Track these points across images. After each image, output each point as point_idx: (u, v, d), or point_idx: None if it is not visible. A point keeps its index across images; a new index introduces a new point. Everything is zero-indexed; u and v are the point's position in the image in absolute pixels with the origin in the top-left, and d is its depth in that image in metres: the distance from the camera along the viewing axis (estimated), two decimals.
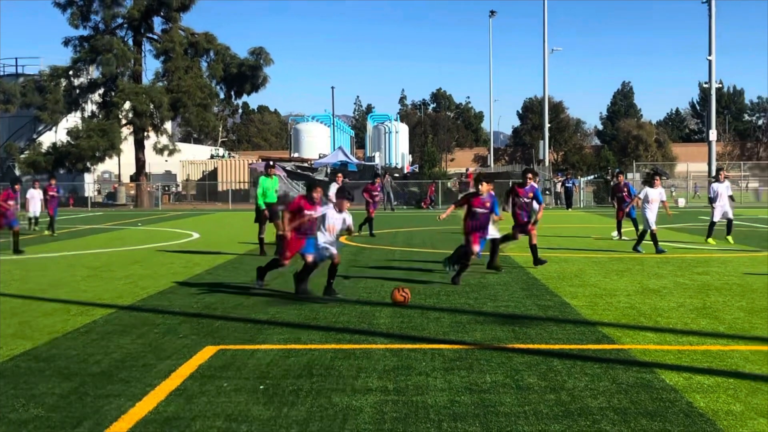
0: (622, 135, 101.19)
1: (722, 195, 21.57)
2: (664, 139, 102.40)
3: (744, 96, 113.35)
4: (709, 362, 8.06)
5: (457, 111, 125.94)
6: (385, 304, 11.75)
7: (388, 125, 75.69)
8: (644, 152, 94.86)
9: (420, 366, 7.90)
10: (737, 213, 23.17)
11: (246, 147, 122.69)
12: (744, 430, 5.91)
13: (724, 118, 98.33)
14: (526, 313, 10.98)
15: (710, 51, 53.06)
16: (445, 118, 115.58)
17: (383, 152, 73.03)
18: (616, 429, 5.93)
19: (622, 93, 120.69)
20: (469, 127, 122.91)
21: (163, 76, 59.35)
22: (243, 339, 9.31)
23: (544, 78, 64.30)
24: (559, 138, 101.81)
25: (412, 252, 19.71)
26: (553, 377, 7.45)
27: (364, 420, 6.18)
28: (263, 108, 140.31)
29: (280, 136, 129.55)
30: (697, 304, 11.59)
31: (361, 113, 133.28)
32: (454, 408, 6.48)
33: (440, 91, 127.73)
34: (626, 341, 9.10)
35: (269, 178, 18.95)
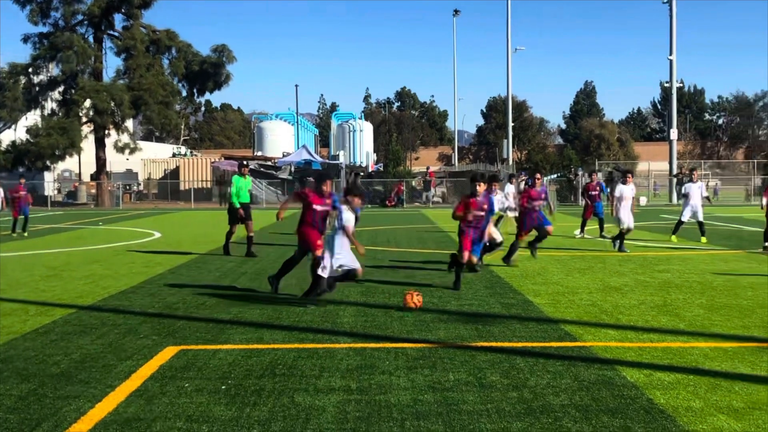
0: (584, 134, 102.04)
1: (694, 194, 21.78)
2: (626, 138, 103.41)
3: (704, 95, 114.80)
4: (670, 359, 8.14)
5: (422, 110, 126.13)
6: (348, 302, 11.73)
7: (353, 124, 75.64)
8: (606, 151, 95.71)
9: (383, 365, 7.88)
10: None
11: (209, 145, 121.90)
12: (703, 426, 5.96)
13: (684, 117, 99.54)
14: (490, 311, 11.01)
15: (671, 51, 53.66)
16: (410, 116, 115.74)
17: (347, 151, 72.93)
18: (578, 426, 5.96)
19: (584, 92, 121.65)
20: (433, 126, 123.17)
21: (124, 74, 58.76)
22: (205, 339, 9.24)
23: (507, 77, 64.66)
24: (523, 137, 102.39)
25: (377, 251, 19.69)
26: (515, 375, 7.47)
27: (327, 419, 6.15)
28: (226, 106, 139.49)
29: (243, 135, 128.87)
30: (657, 302, 11.71)
31: (325, 111, 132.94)
32: (417, 407, 6.47)
33: (405, 89, 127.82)
34: (588, 339, 9.16)
35: (243, 177, 18.70)
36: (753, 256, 18.02)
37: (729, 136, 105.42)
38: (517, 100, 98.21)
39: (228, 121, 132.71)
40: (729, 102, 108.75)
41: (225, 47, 60.74)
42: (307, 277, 12.05)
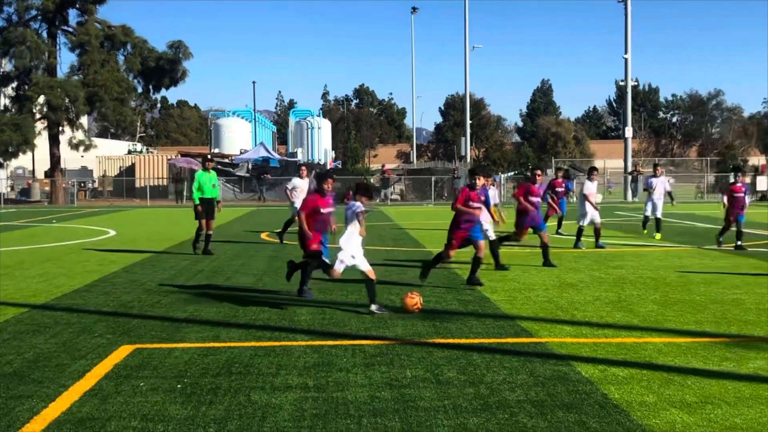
0: (541, 132, 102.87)
1: (658, 189, 22.18)
2: (582, 136, 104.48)
3: (659, 94, 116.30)
4: (624, 354, 8.23)
5: (380, 107, 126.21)
6: (305, 300, 11.70)
7: (311, 121, 75.39)
8: (563, 149, 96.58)
9: (340, 362, 7.88)
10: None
11: (165, 142, 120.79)
12: (657, 420, 6.04)
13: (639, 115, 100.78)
14: (447, 308, 11.05)
15: (626, 49, 54.27)
16: (368, 114, 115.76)
17: (306, 148, 72.72)
18: (533, 421, 6.01)
19: (541, 90, 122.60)
20: (392, 124, 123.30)
21: (78, 70, 57.89)
22: (160, 338, 9.16)
23: (465, 75, 64.94)
24: (481, 135, 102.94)
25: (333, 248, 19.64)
26: (472, 371, 7.51)
27: (284, 417, 6.13)
28: (182, 103, 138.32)
29: (200, 132, 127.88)
30: (612, 298, 11.84)
31: (283, 108, 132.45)
32: (374, 403, 6.48)
33: (363, 87, 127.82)
34: (544, 334, 9.23)
35: (206, 172, 18.35)
36: (706, 252, 18.30)
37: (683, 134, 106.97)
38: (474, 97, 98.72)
39: (184, 118, 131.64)
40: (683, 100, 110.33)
41: (181, 43, 60.16)
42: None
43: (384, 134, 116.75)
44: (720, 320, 10.06)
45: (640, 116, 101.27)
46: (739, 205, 18.80)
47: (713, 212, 36.60)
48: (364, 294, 12.24)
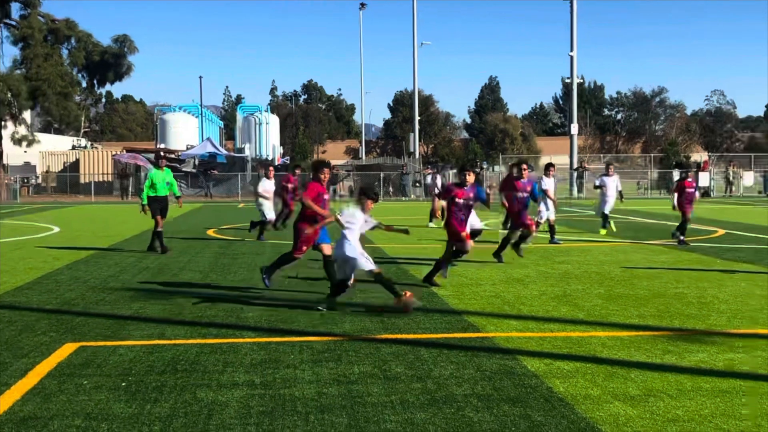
0: (489, 128, 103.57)
1: (610, 187, 22.52)
2: (529, 132, 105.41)
3: (604, 91, 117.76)
4: (569, 348, 8.33)
5: (329, 103, 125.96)
6: (253, 297, 11.63)
7: (259, 116, 74.95)
8: (510, 145, 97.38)
9: (288, 359, 7.85)
10: (596, 204, 24.13)
11: (110, 138, 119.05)
12: (601, 413, 6.13)
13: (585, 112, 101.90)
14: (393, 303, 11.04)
15: (572, 47, 54.86)
16: (317, 109, 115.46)
17: (253, 144, 72.28)
18: (480, 415, 6.05)
19: (489, 87, 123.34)
20: (340, 120, 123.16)
21: (21, 64, 56.73)
22: (105, 335, 9.03)
23: (414, 71, 65.06)
24: (429, 131, 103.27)
25: (282, 245, 19.57)
26: (419, 366, 7.54)
27: (230, 415, 6.09)
28: (128, 98, 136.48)
29: (145, 127, 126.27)
30: (558, 292, 11.97)
31: (230, 104, 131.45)
32: (321, 400, 6.47)
33: (311, 82, 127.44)
34: (491, 329, 9.30)
35: (160, 170, 17.89)
36: (649, 247, 18.60)
37: (627, 131, 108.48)
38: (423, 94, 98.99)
39: (130, 113, 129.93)
40: (627, 98, 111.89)
41: (127, 37, 59.37)
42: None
43: (333, 130, 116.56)
44: (663, 314, 10.23)
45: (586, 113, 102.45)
46: (689, 200, 19.02)
47: (656, 208, 37.23)
48: (312, 291, 12.22)
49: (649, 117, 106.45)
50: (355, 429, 5.76)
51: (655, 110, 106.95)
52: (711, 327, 9.44)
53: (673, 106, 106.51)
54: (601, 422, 5.90)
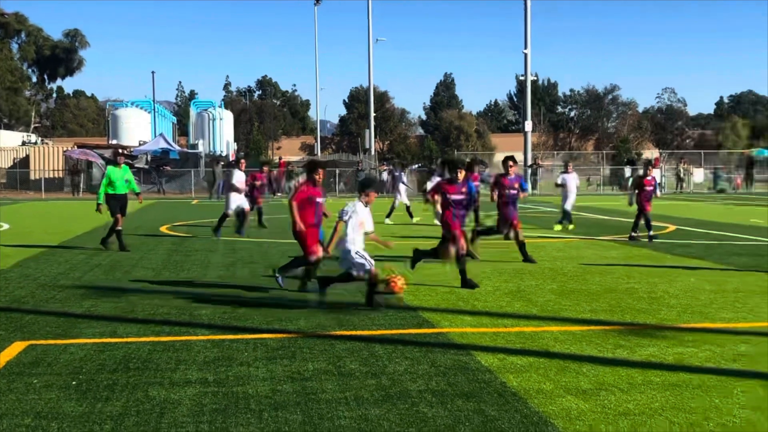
0: (444, 125, 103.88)
1: (570, 183, 22.96)
2: (484, 129, 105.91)
3: (558, 88, 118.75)
4: (523, 343, 8.40)
5: (284, 99, 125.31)
6: (207, 294, 11.55)
7: (212, 112, 74.40)
8: (465, 142, 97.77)
9: (242, 356, 7.80)
10: (548, 200, 24.34)
11: (61, 133, 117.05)
12: (553, 407, 6.18)
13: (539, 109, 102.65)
14: (350, 300, 11.04)
15: (526, 44, 55.25)
16: (271, 105, 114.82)
17: (207, 140, 71.73)
18: (434, 411, 6.07)
19: (444, 84, 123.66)
20: (295, 116, 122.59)
21: None
22: (55, 333, 8.90)
23: (369, 67, 65.07)
24: (385, 127, 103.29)
25: (235, 241, 19.47)
26: (374, 362, 7.54)
27: (182, 413, 6.04)
28: (79, 93, 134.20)
29: (97, 123, 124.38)
30: (512, 288, 12.06)
31: (183, 99, 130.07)
32: (275, 397, 6.44)
33: (266, 78, 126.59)
34: (445, 325, 9.34)
35: (118, 167, 17.43)
36: (601, 243, 18.82)
37: (580, 128, 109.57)
38: (378, 90, 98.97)
39: (81, 109, 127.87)
40: (580, 95, 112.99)
41: (78, 32, 58.71)
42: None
43: (287, 126, 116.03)
44: (614, 309, 10.35)
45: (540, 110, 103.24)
46: (647, 198, 19.17)
47: (608, 204, 37.67)
48: (268, 288, 12.17)
49: (601, 114, 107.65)
50: (309, 426, 5.75)
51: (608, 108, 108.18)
52: (661, 321, 9.57)
53: (625, 103, 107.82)
54: (553, 416, 5.95)
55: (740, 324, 9.39)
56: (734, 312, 10.10)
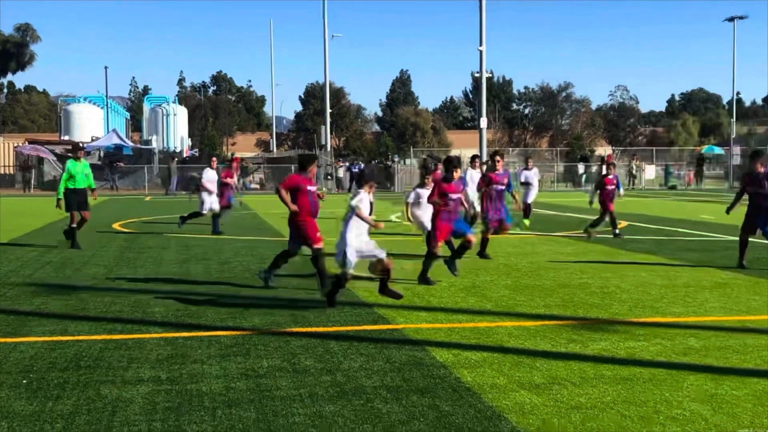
0: (400, 122, 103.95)
1: (533, 180, 23.22)
2: (440, 126, 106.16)
3: (512, 86, 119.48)
4: (477, 338, 8.44)
5: (239, 94, 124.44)
6: (160, 291, 11.44)
7: (166, 107, 73.60)
8: (421, 139, 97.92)
9: (195, 354, 7.74)
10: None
11: (12, 129, 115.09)
12: (507, 402, 6.23)
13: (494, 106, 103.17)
14: (306, 296, 11.03)
15: (481, 42, 55.50)
16: (226, 101, 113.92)
17: (161, 136, 70.97)
18: (389, 407, 6.08)
19: (400, 81, 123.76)
20: (251, 111, 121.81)
21: None
22: (4, 332, 8.75)
23: (325, 63, 64.88)
24: (341, 124, 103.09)
25: (190, 238, 19.31)
26: (329, 359, 7.53)
27: (135, 411, 5.98)
28: (30, 88, 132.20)
29: (49, 118, 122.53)
30: (467, 284, 12.11)
31: (137, 95, 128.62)
32: (229, 395, 6.40)
33: (221, 73, 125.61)
34: (400, 321, 9.36)
35: (78, 162, 17.05)
36: (556, 239, 18.99)
37: (534, 125, 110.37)
38: (334, 86, 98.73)
39: (32, 104, 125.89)
40: (535, 92, 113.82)
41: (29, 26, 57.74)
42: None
43: (243, 122, 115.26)
44: (567, 303, 10.46)
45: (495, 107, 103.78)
46: (609, 197, 19.31)
47: (563, 201, 38.02)
48: (222, 285, 12.10)
49: (555, 111, 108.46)
50: (263, 423, 5.72)
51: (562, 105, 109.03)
52: (613, 316, 9.69)
53: (579, 101, 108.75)
54: (507, 411, 6.00)
55: (690, 318, 9.54)
56: (684, 306, 10.26)
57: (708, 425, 5.68)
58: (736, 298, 10.87)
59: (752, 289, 11.52)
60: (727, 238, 18.88)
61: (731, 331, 8.77)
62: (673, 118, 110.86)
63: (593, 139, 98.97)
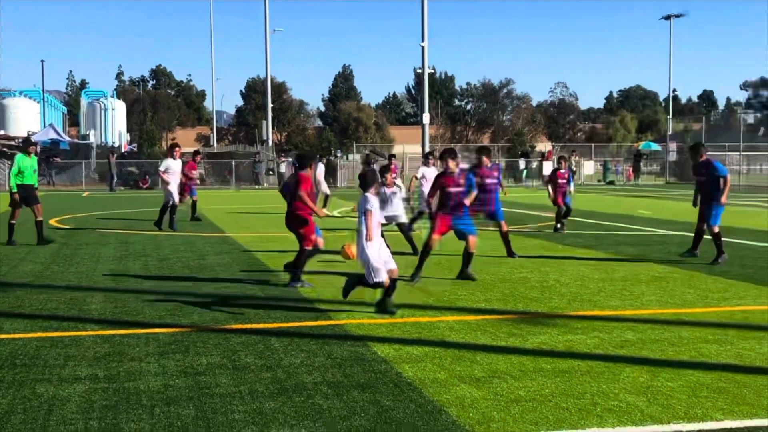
0: (343, 117, 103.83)
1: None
2: (383, 121, 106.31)
3: (455, 82, 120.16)
4: (419, 333, 8.48)
5: (178, 89, 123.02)
6: (97, 288, 11.26)
7: (104, 102, 72.45)
8: (364, 134, 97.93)
9: (133, 351, 7.64)
10: None
11: None
12: (447, 396, 6.26)
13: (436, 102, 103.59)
14: (246, 293, 10.96)
15: (423, 38, 55.68)
16: (166, 95, 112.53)
17: (99, 130, 69.83)
18: (329, 402, 6.07)
19: (343, 76, 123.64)
20: (190, 106, 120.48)
21: None
22: None
23: (266, 58, 64.48)
24: (283, 119, 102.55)
25: (129, 234, 19.05)
26: (269, 356, 7.49)
27: (71, 410, 5.87)
28: None
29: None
30: (408, 279, 12.12)
31: (74, 89, 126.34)
32: (167, 392, 6.33)
33: (160, 67, 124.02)
34: (342, 317, 9.34)
35: (28, 156, 16.58)
36: (496, 234, 19.10)
37: (476, 121, 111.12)
38: (276, 81, 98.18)
39: None
40: (476, 89, 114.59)
41: None
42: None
43: (182, 117, 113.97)
44: (507, 298, 10.56)
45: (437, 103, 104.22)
46: (561, 192, 19.54)
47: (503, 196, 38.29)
48: (160, 282, 11.96)
49: (497, 108, 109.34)
50: (202, 421, 5.67)
51: (503, 101, 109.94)
52: (552, 310, 9.81)
53: (520, 97, 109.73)
54: (447, 405, 6.03)
55: (627, 311, 9.70)
56: (621, 300, 10.43)
57: (644, 416, 5.78)
58: (671, 291, 11.09)
59: (687, 283, 11.76)
60: (664, 233, 19.27)
61: (667, 324, 8.94)
62: (612, 114, 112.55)
63: (534, 135, 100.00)
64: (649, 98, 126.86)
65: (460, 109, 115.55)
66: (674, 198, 36.29)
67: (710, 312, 9.69)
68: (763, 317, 9.35)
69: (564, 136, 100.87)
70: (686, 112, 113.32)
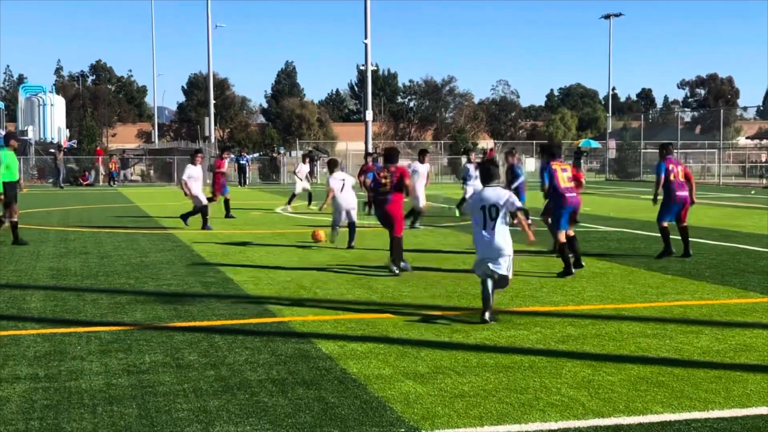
0: (286, 114, 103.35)
1: (422, 174, 23.28)
2: (326, 118, 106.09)
3: (398, 79, 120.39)
4: (363, 330, 8.50)
5: (119, 84, 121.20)
6: (36, 286, 11.07)
7: (43, 97, 71.00)
8: (307, 131, 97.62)
9: (74, 350, 7.54)
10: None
11: None
12: (392, 392, 6.30)
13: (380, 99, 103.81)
14: (189, 290, 10.88)
15: (366, 35, 55.71)
16: (106, 91, 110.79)
17: (37, 126, 68.45)
18: (274, 400, 6.06)
19: (285, 72, 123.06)
20: (131, 102, 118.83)
21: None
22: None
23: (208, 54, 63.85)
24: (225, 115, 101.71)
25: (67, 231, 18.74)
26: (213, 353, 7.45)
27: (11, 410, 5.78)
28: None
29: None
30: (353, 276, 12.16)
31: (12, 84, 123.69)
32: (110, 391, 6.26)
33: (100, 62, 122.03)
34: (287, 314, 9.33)
35: (11, 151, 15.80)
36: (439, 231, 19.26)
37: (419, 118, 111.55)
38: (218, 77, 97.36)
39: None
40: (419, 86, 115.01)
41: None
42: None
43: (123, 113, 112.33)
44: (451, 294, 10.63)
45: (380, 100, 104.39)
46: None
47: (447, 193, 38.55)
48: (101, 279, 11.80)
49: (439, 105, 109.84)
50: (146, 420, 5.62)
51: (445, 99, 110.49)
52: (495, 305, 9.90)
53: (462, 94, 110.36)
54: (392, 400, 6.07)
55: (569, 307, 9.86)
56: (563, 295, 10.59)
57: (585, 410, 5.89)
58: (611, 286, 11.28)
59: (627, 278, 11.98)
60: (604, 229, 19.58)
61: (607, 319, 9.10)
62: (552, 112, 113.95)
63: (476, 132, 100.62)
64: (589, 96, 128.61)
65: (403, 106, 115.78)
66: (614, 195, 36.89)
67: (650, 307, 9.89)
68: (701, 311, 9.57)
69: (506, 134, 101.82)
70: (625, 110, 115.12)
